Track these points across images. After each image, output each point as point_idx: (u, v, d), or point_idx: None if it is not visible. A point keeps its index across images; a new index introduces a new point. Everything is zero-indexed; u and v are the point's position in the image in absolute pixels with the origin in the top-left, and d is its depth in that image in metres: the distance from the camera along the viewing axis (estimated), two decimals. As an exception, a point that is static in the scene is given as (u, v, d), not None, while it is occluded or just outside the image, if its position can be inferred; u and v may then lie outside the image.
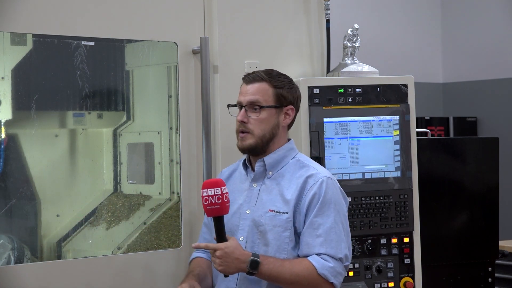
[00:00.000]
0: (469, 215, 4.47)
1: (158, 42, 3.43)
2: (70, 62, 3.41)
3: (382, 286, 3.61)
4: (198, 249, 3.16)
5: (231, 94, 3.23)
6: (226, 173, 3.13)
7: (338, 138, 3.59)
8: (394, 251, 3.64)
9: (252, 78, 2.99)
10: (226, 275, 2.86)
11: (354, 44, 3.78)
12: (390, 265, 3.63)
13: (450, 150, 4.47)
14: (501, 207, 4.61)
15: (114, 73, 3.63)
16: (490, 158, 4.50)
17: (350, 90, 3.61)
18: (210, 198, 2.80)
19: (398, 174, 3.65)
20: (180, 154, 3.38)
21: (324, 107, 3.57)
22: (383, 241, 3.62)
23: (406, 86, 3.71)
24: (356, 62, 3.76)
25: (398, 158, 3.66)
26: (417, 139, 3.74)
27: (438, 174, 4.39)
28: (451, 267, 4.44)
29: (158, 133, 3.63)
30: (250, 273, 2.82)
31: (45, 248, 3.49)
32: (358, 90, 3.63)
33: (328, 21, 3.78)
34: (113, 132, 3.70)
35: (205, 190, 2.81)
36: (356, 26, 3.79)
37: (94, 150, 3.68)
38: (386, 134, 3.66)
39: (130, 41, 3.52)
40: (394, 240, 3.64)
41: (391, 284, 3.63)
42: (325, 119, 3.56)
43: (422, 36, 8.68)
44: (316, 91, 3.57)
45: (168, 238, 3.50)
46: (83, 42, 3.39)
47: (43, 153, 3.55)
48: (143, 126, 3.69)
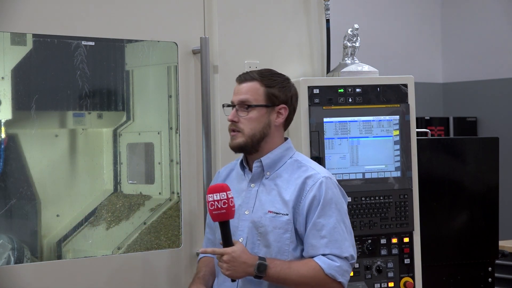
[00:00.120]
0: (469, 215, 4.47)
1: (158, 42, 3.43)
2: (70, 62, 3.42)
3: (382, 286, 3.61)
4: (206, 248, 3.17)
5: (231, 94, 3.23)
6: (224, 173, 3.13)
7: (338, 138, 3.59)
8: (394, 251, 3.64)
9: (244, 78, 2.99)
10: (233, 280, 2.85)
11: (354, 44, 3.78)
12: (390, 265, 3.63)
13: (450, 150, 4.47)
14: (501, 207, 4.61)
15: (114, 73, 3.63)
16: (490, 158, 4.50)
17: (350, 90, 3.61)
18: (216, 203, 2.78)
19: (398, 174, 3.65)
20: (180, 154, 3.38)
21: (324, 107, 3.57)
22: (383, 241, 3.62)
23: (406, 86, 3.71)
24: (356, 62, 3.76)
25: (398, 158, 3.66)
26: (417, 139, 3.74)
27: (438, 174, 4.39)
28: (451, 267, 4.44)
29: (158, 133, 3.63)
30: (257, 276, 2.82)
31: (45, 248, 3.49)
32: (358, 90, 3.62)
33: (328, 21, 3.78)
34: (113, 132, 3.70)
35: (210, 195, 2.79)
36: (356, 26, 3.79)
37: (94, 150, 3.68)
38: (386, 134, 3.66)
39: (130, 41, 3.52)
40: (394, 240, 3.64)
41: (391, 284, 3.63)
42: (325, 119, 3.56)
43: (422, 36, 8.68)
44: (316, 91, 3.57)
45: (168, 238, 3.50)
46: (83, 42, 3.39)
47: (43, 153, 3.55)
48: (143, 126, 3.69)
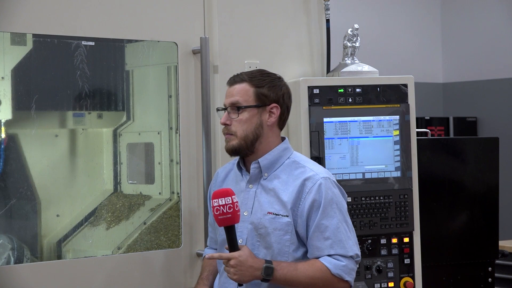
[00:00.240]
0: (469, 215, 4.47)
1: (158, 42, 3.43)
2: (70, 62, 3.41)
3: (382, 286, 3.61)
4: (210, 246, 3.19)
5: (231, 94, 3.24)
6: (222, 174, 3.12)
7: (338, 138, 3.59)
8: (394, 251, 3.64)
9: (234, 80, 2.98)
10: (240, 284, 2.84)
11: (354, 44, 3.78)
12: (390, 265, 3.63)
13: (450, 150, 4.47)
14: (501, 207, 4.61)
15: (114, 73, 3.63)
16: (490, 158, 4.50)
17: (350, 90, 3.61)
18: (221, 207, 2.76)
19: (398, 174, 3.65)
20: (180, 154, 3.38)
21: (324, 107, 3.57)
22: (383, 241, 3.62)
23: (406, 86, 3.71)
24: (356, 62, 3.76)
25: (398, 158, 3.66)
26: (417, 139, 3.74)
27: (438, 174, 4.39)
28: (451, 267, 4.44)
29: (158, 133, 3.63)
30: (265, 280, 2.81)
31: (45, 248, 3.49)
32: (358, 90, 3.62)
33: (328, 21, 3.78)
34: (113, 132, 3.70)
35: (215, 200, 2.77)
36: (356, 26, 3.79)
37: (94, 150, 3.68)
38: (386, 134, 3.66)
39: (130, 41, 3.52)
40: (394, 240, 3.64)
41: (391, 284, 3.63)
42: (325, 119, 3.56)
43: (422, 36, 8.68)
44: (316, 91, 3.57)
45: (168, 238, 3.50)
46: (83, 42, 3.39)
47: (43, 153, 3.55)
48: (143, 126, 3.69)
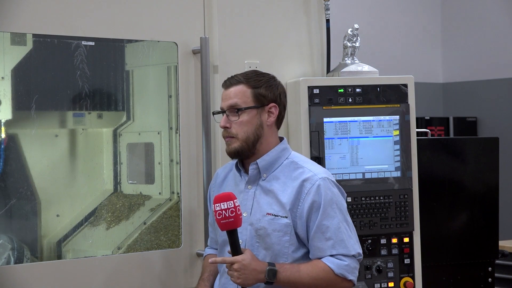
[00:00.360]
0: (469, 215, 4.47)
1: (158, 42, 3.43)
2: (70, 62, 3.41)
3: (382, 286, 3.61)
4: (211, 246, 3.20)
5: (231, 94, 3.24)
6: (222, 175, 3.12)
7: (338, 138, 3.59)
8: (394, 251, 3.64)
9: (229, 82, 2.97)
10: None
11: (354, 44, 3.78)
12: (390, 265, 3.63)
13: (450, 150, 4.47)
14: (501, 207, 4.61)
15: (114, 73, 3.63)
16: (490, 158, 4.50)
17: (350, 90, 3.61)
18: (224, 212, 2.76)
19: (398, 174, 3.65)
20: (180, 154, 3.38)
21: (324, 107, 3.57)
22: (383, 241, 3.62)
23: (406, 86, 3.71)
24: (356, 62, 3.76)
25: (398, 158, 3.66)
26: (417, 139, 3.74)
27: (438, 174, 4.39)
28: (451, 267, 4.44)
29: (158, 133, 3.63)
30: (268, 282, 2.81)
31: (45, 248, 3.49)
32: (358, 90, 3.62)
33: (328, 21, 3.78)
34: (113, 132, 3.70)
35: (217, 204, 2.77)
36: (356, 26, 3.79)
37: (94, 150, 3.68)
38: (386, 134, 3.66)
39: (130, 41, 3.52)
40: (394, 240, 3.64)
41: (391, 284, 3.63)
42: (325, 119, 3.56)
43: (422, 36, 8.68)
44: (316, 91, 3.57)
45: (168, 238, 3.50)
46: (83, 42, 3.39)
47: (43, 153, 3.55)
48: (143, 126, 3.69)
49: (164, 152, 3.61)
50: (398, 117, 3.67)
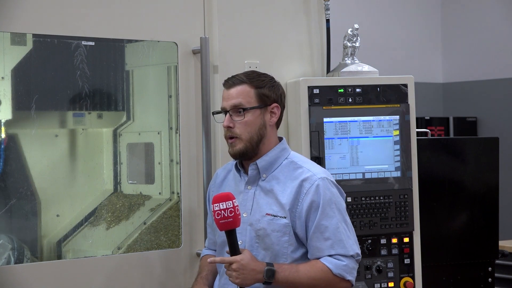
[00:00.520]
0: (469, 215, 4.47)
1: (158, 42, 3.43)
2: (70, 62, 3.41)
3: (382, 286, 3.61)
4: (209, 247, 3.19)
5: (231, 94, 3.23)
6: (222, 175, 3.12)
7: (338, 138, 3.59)
8: (394, 251, 3.64)
9: (232, 82, 2.96)
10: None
11: (354, 44, 3.78)
12: (390, 265, 3.63)
13: (450, 150, 4.47)
14: (501, 207, 4.61)
15: (114, 73, 3.63)
16: (490, 158, 4.50)
17: (350, 90, 3.61)
18: (223, 212, 2.76)
19: (398, 174, 3.65)
20: (180, 154, 3.38)
21: (324, 107, 3.57)
22: (383, 241, 3.62)
23: (406, 86, 3.71)
24: (356, 62, 3.76)
25: (398, 158, 3.66)
26: (417, 139, 3.74)
27: (438, 174, 4.39)
28: (451, 267, 4.44)
29: (158, 133, 3.63)
30: (267, 282, 2.81)
31: (45, 248, 3.49)
32: (358, 90, 3.62)
33: (328, 21, 3.78)
34: (113, 132, 3.70)
35: (216, 205, 2.77)
36: (356, 26, 3.79)
37: (94, 150, 3.68)
38: (386, 134, 3.66)
39: (130, 41, 3.52)
40: (394, 240, 3.64)
41: (391, 284, 3.63)
42: (325, 119, 3.56)
43: (422, 36, 8.68)
44: (316, 91, 3.57)
45: (168, 238, 3.50)
46: (83, 42, 3.39)
47: (43, 153, 3.55)
48: (143, 126, 3.69)
49: (164, 152, 3.61)
50: (398, 117, 3.67)
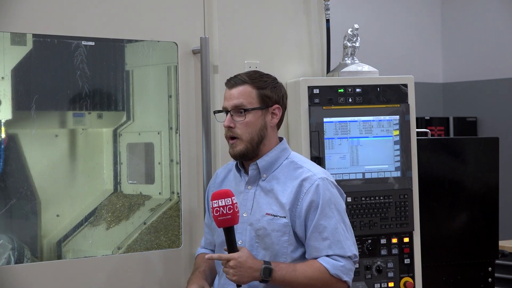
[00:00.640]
0: (469, 215, 4.47)
1: (158, 42, 3.43)
2: (70, 62, 3.41)
3: (382, 286, 3.61)
4: (205, 246, 3.19)
5: (231, 94, 3.23)
6: (222, 175, 3.12)
7: (338, 138, 3.59)
8: (394, 251, 3.64)
9: (234, 82, 2.96)
10: (238, 285, 2.84)
11: (354, 44, 3.78)
12: (390, 265, 3.63)
13: (450, 150, 4.47)
14: (501, 207, 4.61)
15: (114, 73, 3.63)
16: (490, 158, 4.50)
17: (350, 90, 3.61)
18: (221, 209, 2.76)
19: (398, 174, 3.65)
20: (180, 154, 3.38)
21: (324, 107, 3.57)
22: (383, 241, 3.62)
23: (406, 86, 3.71)
24: (356, 62, 3.76)
25: (398, 158, 3.66)
26: (417, 139, 3.74)
27: (438, 174, 4.39)
28: (451, 267, 4.44)
29: (158, 133, 3.63)
30: (263, 280, 2.81)
31: (45, 248, 3.49)
32: (358, 90, 3.63)
33: (328, 21, 3.78)
34: (113, 132, 3.70)
35: (215, 201, 2.77)
36: (356, 26, 3.79)
37: (94, 150, 3.68)
38: (386, 134, 3.66)
39: (130, 41, 3.52)
40: (394, 240, 3.64)
41: (391, 284, 3.63)
42: (325, 119, 3.56)
43: (422, 36, 8.69)
44: (316, 91, 3.57)
45: (168, 238, 3.50)
46: (83, 42, 3.39)
47: (43, 153, 3.55)
48: (143, 126, 3.69)
49: (164, 152, 3.61)
50: (398, 117, 3.67)
